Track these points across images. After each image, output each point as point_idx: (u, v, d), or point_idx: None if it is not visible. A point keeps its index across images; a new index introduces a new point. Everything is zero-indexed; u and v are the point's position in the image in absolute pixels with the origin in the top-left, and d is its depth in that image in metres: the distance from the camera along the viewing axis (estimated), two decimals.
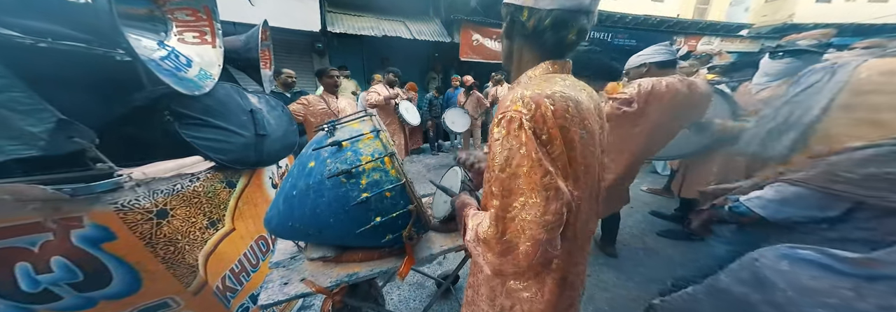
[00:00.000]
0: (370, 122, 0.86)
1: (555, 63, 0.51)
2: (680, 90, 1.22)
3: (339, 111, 2.18)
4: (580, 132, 0.44)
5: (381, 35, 4.30)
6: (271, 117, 1.28)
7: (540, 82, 0.47)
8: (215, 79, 1.05)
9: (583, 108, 0.45)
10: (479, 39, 5.02)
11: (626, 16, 6.26)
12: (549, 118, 0.42)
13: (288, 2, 3.81)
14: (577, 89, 0.49)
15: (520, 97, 0.43)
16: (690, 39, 6.52)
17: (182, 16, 1.08)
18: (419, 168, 4.13)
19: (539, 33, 0.48)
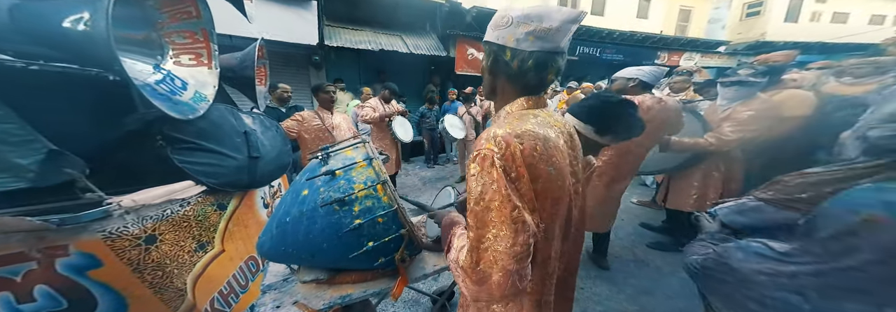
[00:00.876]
0: (363, 149, 0.87)
1: (530, 99, 0.55)
2: (653, 106, 1.41)
3: (333, 127, 2.16)
4: (548, 169, 0.47)
5: (378, 49, 4.40)
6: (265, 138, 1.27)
7: (513, 120, 0.51)
8: (210, 100, 1.05)
9: (551, 146, 0.49)
10: (473, 53, 5.17)
11: (614, 32, 6.56)
12: (517, 157, 0.46)
13: (286, 16, 3.88)
14: (548, 126, 0.52)
15: (493, 136, 0.47)
16: (673, 55, 6.84)
17: (179, 39, 1.09)
18: (414, 180, 4.11)
19: (522, 72, 0.53)
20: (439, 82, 5.38)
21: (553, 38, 0.50)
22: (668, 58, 6.80)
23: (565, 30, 0.50)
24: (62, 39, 0.81)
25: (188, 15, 1.05)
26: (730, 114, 1.59)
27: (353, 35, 4.52)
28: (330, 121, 2.14)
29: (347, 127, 2.28)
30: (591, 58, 6.25)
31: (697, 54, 7.08)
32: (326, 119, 2.12)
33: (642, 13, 7.41)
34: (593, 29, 6.45)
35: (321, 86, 2.18)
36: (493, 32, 0.54)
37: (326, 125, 2.10)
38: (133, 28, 1.01)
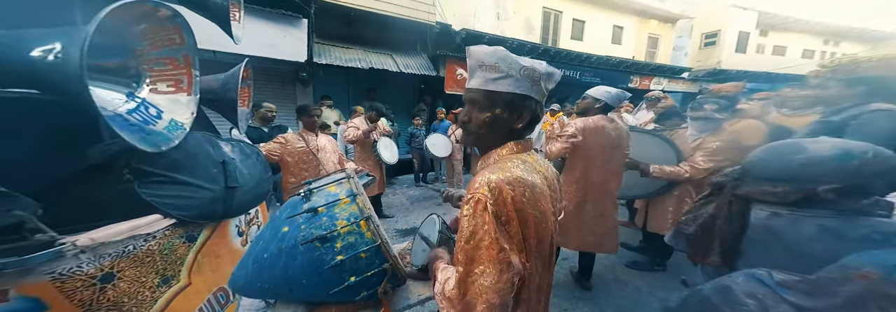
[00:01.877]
0: (347, 185, 0.85)
1: (519, 143, 0.60)
2: (606, 126, 1.57)
3: (318, 149, 2.06)
4: (534, 213, 0.52)
5: (368, 67, 4.37)
6: (245, 167, 1.20)
7: (505, 164, 0.55)
8: (187, 129, 0.98)
9: (537, 192, 0.54)
10: (462, 74, 5.29)
11: (592, 56, 7.04)
12: (508, 202, 0.50)
13: (275, 33, 3.78)
14: (534, 171, 0.57)
15: (487, 182, 0.51)
16: (644, 79, 7.42)
17: (158, 65, 1.01)
18: (402, 200, 4.01)
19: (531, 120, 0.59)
20: (430, 101, 5.40)
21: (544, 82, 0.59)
22: (640, 82, 7.35)
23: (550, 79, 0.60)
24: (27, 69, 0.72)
25: (171, 42, 0.99)
26: (700, 144, 1.73)
27: (343, 53, 4.47)
28: (315, 143, 2.05)
29: (333, 149, 2.19)
30: (572, 80, 6.62)
31: (665, 79, 7.73)
32: (311, 141, 2.03)
33: (616, 39, 8.04)
34: (573, 52, 6.87)
35: (306, 108, 2.10)
36: (528, 85, 0.56)
37: (311, 147, 2.01)
38: (108, 56, 0.93)
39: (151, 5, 0.84)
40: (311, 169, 1.99)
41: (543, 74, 0.57)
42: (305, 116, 2.08)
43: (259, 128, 2.45)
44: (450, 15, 5.61)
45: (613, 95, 1.62)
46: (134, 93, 0.95)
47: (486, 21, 6.33)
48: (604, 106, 1.61)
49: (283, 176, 2.02)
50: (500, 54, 0.57)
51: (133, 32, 0.90)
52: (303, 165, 1.98)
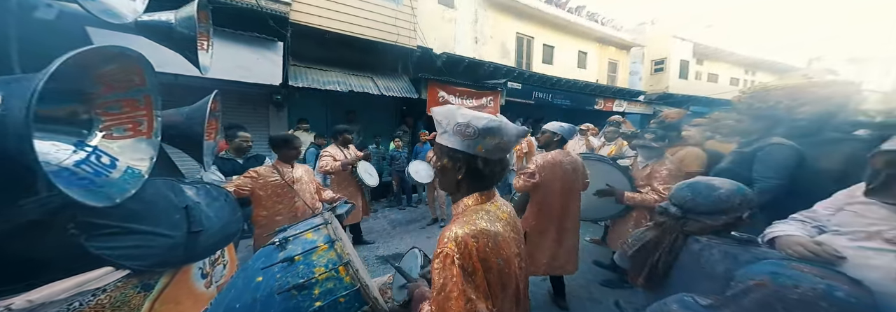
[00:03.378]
0: (325, 231, 0.83)
1: (483, 194, 0.66)
2: (563, 160, 1.73)
3: (294, 181, 1.92)
4: (497, 261, 0.57)
5: (348, 90, 4.25)
6: (212, 210, 1.12)
7: (470, 216, 0.61)
8: (145, 176, 0.88)
9: (500, 240, 0.59)
10: (444, 96, 5.35)
11: (562, 79, 7.57)
12: (473, 255, 0.55)
13: (248, 56, 3.59)
14: (496, 220, 0.63)
15: (454, 237, 0.56)
16: (607, 101, 8.09)
17: (114, 109, 0.91)
18: (383, 224, 3.84)
19: (490, 175, 0.64)
20: (411, 123, 5.35)
21: (510, 147, 0.64)
22: (604, 104, 8.00)
23: (517, 141, 0.65)
24: None
25: (130, 83, 0.90)
26: (651, 173, 1.88)
27: (321, 75, 4.33)
28: (290, 175, 1.91)
29: (309, 179, 2.06)
30: (545, 102, 7.01)
31: (625, 101, 8.50)
32: (286, 173, 1.89)
33: (581, 64, 8.79)
34: (546, 76, 7.34)
35: (289, 141, 1.96)
36: (461, 141, 0.62)
37: (286, 179, 1.87)
38: (57, 103, 0.82)
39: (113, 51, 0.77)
40: (285, 202, 1.85)
41: (480, 130, 0.60)
42: (286, 149, 1.93)
43: (233, 160, 2.21)
44: (431, 39, 5.75)
45: (566, 129, 1.81)
46: (84, 142, 0.84)
47: (465, 45, 6.57)
48: (560, 139, 1.78)
49: (255, 209, 1.86)
50: (444, 111, 0.64)
51: (88, 76, 0.81)
52: (276, 198, 1.83)
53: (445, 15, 6.30)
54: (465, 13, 6.61)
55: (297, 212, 1.84)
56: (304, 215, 1.85)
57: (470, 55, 6.39)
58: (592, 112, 7.93)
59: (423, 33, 5.30)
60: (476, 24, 6.79)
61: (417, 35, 5.12)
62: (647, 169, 1.89)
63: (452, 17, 6.41)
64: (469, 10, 6.66)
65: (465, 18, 6.61)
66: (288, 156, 1.93)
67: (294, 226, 0.91)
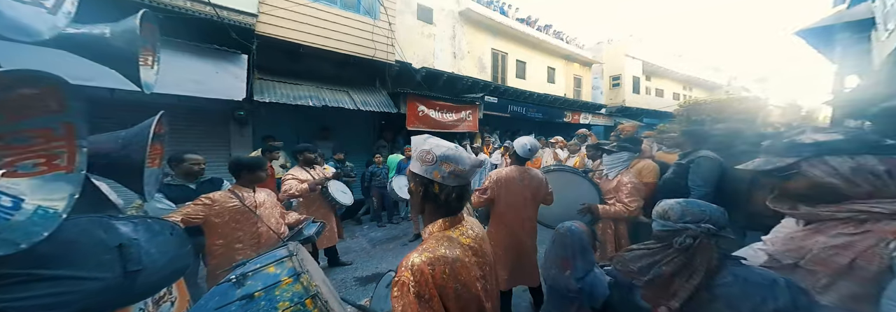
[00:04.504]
0: (290, 263, 0.77)
1: (447, 220, 0.68)
2: (514, 176, 1.73)
3: (257, 205, 1.67)
4: (455, 286, 0.58)
5: (321, 105, 3.95)
6: (153, 245, 0.98)
7: (431, 243, 0.63)
8: (64, 215, 0.73)
9: (458, 266, 0.60)
10: (424, 110, 5.24)
11: (534, 93, 7.87)
12: (429, 282, 0.56)
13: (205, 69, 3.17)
14: (458, 246, 0.64)
15: (410, 265, 0.57)
16: (574, 114, 8.61)
17: (19, 141, 0.73)
18: (363, 243, 3.57)
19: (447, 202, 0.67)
20: (390, 138, 5.15)
21: (467, 176, 0.67)
22: (572, 117, 8.50)
23: (473, 171, 0.67)
24: None
25: (43, 110, 0.74)
26: (618, 185, 1.90)
27: (291, 89, 3.98)
28: (252, 199, 1.66)
29: (273, 203, 1.81)
30: (520, 115, 7.24)
31: (590, 114, 9.12)
32: (248, 198, 1.65)
33: (551, 79, 9.27)
34: (519, 90, 7.59)
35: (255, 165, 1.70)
36: (420, 166, 0.67)
37: (248, 204, 1.63)
38: None
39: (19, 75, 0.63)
40: (246, 229, 1.62)
41: (437, 157, 0.65)
42: (249, 173, 1.68)
43: (183, 186, 1.87)
44: (410, 54, 5.64)
45: (523, 148, 1.81)
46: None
47: (445, 60, 6.57)
48: (523, 158, 1.80)
49: (209, 238, 1.59)
50: (416, 139, 0.71)
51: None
52: (235, 225, 1.59)
53: (424, 30, 6.23)
54: (444, 29, 6.62)
55: (261, 239, 1.63)
56: (269, 241, 1.63)
57: (450, 70, 6.36)
58: (562, 124, 8.37)
59: (401, 48, 5.17)
60: (454, 39, 6.84)
61: (396, 50, 4.99)
62: (614, 182, 1.92)
63: (431, 33, 6.37)
64: (447, 25, 6.68)
65: (444, 34, 6.62)
66: (251, 180, 1.69)
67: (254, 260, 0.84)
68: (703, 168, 1.74)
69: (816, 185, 0.69)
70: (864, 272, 0.63)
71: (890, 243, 0.61)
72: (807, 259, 0.70)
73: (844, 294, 0.66)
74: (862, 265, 0.63)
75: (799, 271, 0.72)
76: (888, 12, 3.81)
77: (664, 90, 13.55)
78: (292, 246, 0.90)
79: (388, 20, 4.63)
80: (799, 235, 0.74)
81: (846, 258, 0.65)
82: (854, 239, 0.65)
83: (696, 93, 14.75)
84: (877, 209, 0.64)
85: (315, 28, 4.08)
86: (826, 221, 0.70)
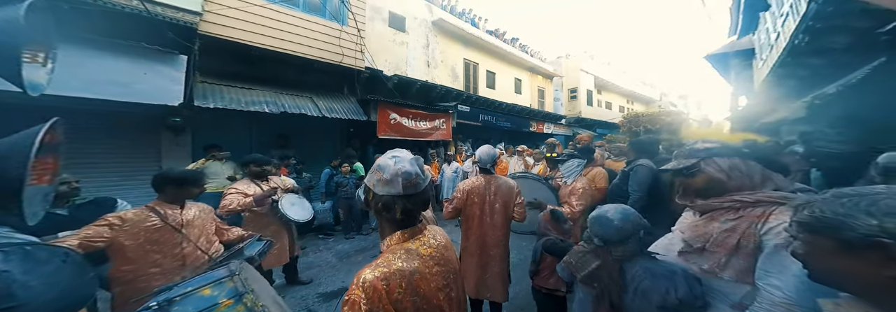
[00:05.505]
0: (231, 284, 0.72)
1: (404, 232, 0.66)
2: (480, 185, 1.72)
3: (184, 224, 1.40)
4: (413, 299, 0.57)
5: (280, 111, 3.56)
6: (35, 276, 0.82)
7: (387, 257, 0.61)
8: None
9: (416, 278, 0.59)
10: (396, 118, 5.06)
11: (503, 103, 8.16)
12: (383, 298, 0.54)
13: (130, 70, 2.65)
14: (416, 257, 0.62)
15: (361, 283, 0.55)
16: (539, 124, 9.13)
17: None
18: (329, 257, 3.25)
19: (377, 211, 0.66)
20: (359, 146, 4.86)
21: (392, 185, 0.63)
22: (536, 127, 9.01)
23: (396, 181, 0.63)
24: None
25: None
26: (572, 190, 2.03)
27: (243, 94, 3.52)
28: (178, 218, 1.39)
29: (207, 219, 1.53)
30: (490, 123, 7.44)
31: (552, 124, 9.76)
32: (172, 215, 1.37)
33: (517, 89, 9.72)
34: (490, 100, 7.81)
35: (186, 178, 1.42)
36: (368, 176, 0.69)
37: (172, 222, 1.35)
38: None
39: None
40: (166, 250, 1.34)
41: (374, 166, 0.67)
42: (178, 188, 1.39)
43: (51, 214, 1.46)
44: (382, 61, 5.42)
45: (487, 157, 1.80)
46: None
47: (418, 68, 6.46)
48: (486, 169, 1.79)
49: (115, 263, 1.29)
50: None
51: None
52: (152, 247, 1.31)
53: (396, 38, 6.05)
54: (417, 37, 6.52)
55: (186, 261, 1.38)
56: (195, 263, 1.38)
57: (423, 78, 6.25)
58: (528, 133, 8.80)
59: (372, 55, 4.96)
60: (428, 48, 6.78)
61: (366, 56, 4.76)
62: (569, 187, 2.03)
63: (404, 41, 6.22)
64: (420, 34, 6.60)
65: (417, 43, 6.52)
66: (178, 196, 1.40)
67: (184, 284, 0.76)
68: (639, 175, 1.91)
69: (710, 180, 0.87)
70: (746, 249, 0.78)
71: (757, 225, 0.77)
72: (710, 242, 0.85)
73: (737, 269, 0.80)
74: (744, 244, 0.78)
75: (706, 253, 0.86)
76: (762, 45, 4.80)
77: (612, 103, 15.16)
78: (235, 264, 0.84)
79: (357, 26, 4.40)
80: (701, 223, 0.90)
81: (734, 239, 0.80)
82: (736, 224, 0.81)
83: (637, 106, 16.78)
84: (745, 198, 0.81)
85: (273, 30, 3.67)
86: (716, 210, 0.86)
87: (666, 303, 0.82)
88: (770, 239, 0.75)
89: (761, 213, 0.78)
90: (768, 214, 0.78)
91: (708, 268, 0.85)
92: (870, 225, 0.36)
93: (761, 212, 0.79)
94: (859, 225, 0.36)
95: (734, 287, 0.81)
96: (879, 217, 0.35)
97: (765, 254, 0.75)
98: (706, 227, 0.87)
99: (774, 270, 0.72)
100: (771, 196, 0.80)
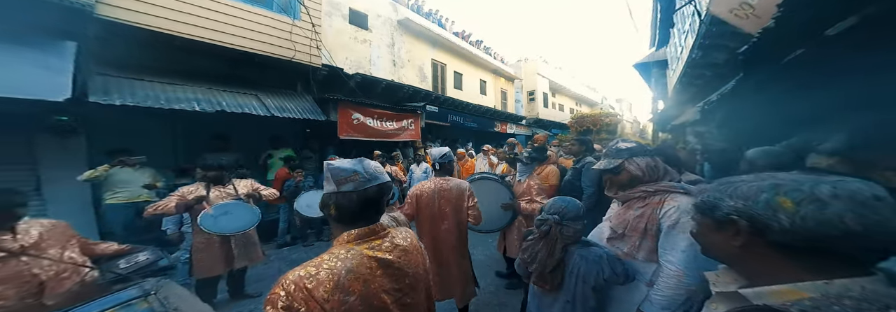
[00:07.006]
0: (146, 304, 0.68)
1: (350, 232, 0.64)
2: (429, 189, 1.66)
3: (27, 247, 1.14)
4: (342, 298, 0.55)
5: (215, 110, 3.03)
6: None
7: (324, 256, 0.60)
8: None
9: (349, 278, 0.57)
10: (360, 118, 4.72)
11: (470, 104, 8.24)
12: (307, 297, 0.53)
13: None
14: (355, 257, 0.60)
15: (283, 281, 0.55)
16: (502, 124, 9.47)
17: None
18: (282, 268, 2.90)
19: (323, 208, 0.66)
20: (317, 147, 4.42)
21: (328, 183, 0.65)
22: (500, 127, 9.32)
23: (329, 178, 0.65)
24: None
25: None
26: (527, 187, 2.09)
27: (163, 90, 2.89)
28: (13, 243, 1.11)
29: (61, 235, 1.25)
30: (458, 124, 7.45)
31: (514, 125, 10.20)
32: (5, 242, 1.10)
33: (483, 90, 9.92)
34: (458, 100, 7.82)
35: None
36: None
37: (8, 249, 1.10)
38: None
39: None
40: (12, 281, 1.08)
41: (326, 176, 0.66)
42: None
43: None
44: (341, 59, 4.99)
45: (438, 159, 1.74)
46: None
47: (383, 67, 6.12)
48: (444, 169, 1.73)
49: None
50: None
51: None
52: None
53: (358, 36, 5.61)
54: (381, 36, 6.15)
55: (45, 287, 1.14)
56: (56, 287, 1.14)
57: (389, 77, 5.93)
58: (493, 133, 9.05)
59: (330, 52, 4.51)
60: (393, 47, 6.44)
61: (323, 53, 4.31)
62: (523, 185, 2.09)
63: (366, 39, 5.80)
64: (385, 33, 6.24)
65: (382, 41, 6.14)
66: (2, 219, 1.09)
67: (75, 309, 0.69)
68: (591, 172, 2.05)
69: (631, 177, 0.98)
70: (651, 231, 0.91)
71: (657, 210, 0.91)
72: (627, 228, 0.96)
73: (647, 249, 0.92)
74: (649, 227, 0.91)
75: (625, 237, 0.98)
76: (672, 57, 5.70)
77: (564, 105, 16.48)
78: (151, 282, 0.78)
79: (311, 20, 3.95)
80: (621, 212, 1.02)
81: (642, 223, 0.92)
82: (644, 210, 0.93)
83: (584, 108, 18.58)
84: (648, 188, 0.95)
85: (201, 19, 3.07)
86: (631, 199, 0.98)
87: (597, 284, 0.93)
88: (664, 221, 0.89)
89: (658, 201, 0.92)
90: (663, 201, 0.91)
91: (627, 251, 0.97)
92: (729, 205, 0.42)
93: (658, 200, 0.92)
94: (724, 206, 0.42)
95: (648, 267, 0.93)
96: (735, 199, 0.41)
97: (662, 235, 0.89)
98: (625, 215, 0.99)
99: (668, 247, 0.88)
100: (665, 185, 0.94)
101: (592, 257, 0.97)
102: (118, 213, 2.49)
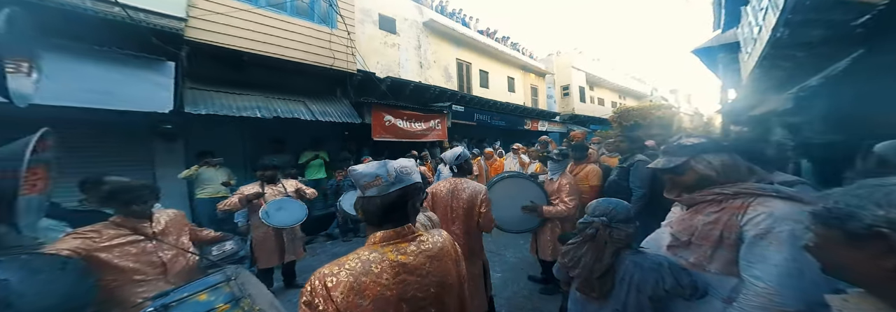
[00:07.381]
0: (228, 288, 0.72)
1: (379, 234, 0.63)
2: (442, 190, 1.58)
3: (159, 234, 1.35)
4: (357, 301, 0.54)
5: (272, 116, 3.47)
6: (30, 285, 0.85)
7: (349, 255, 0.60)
8: None
9: (365, 281, 0.56)
10: (391, 120, 4.96)
11: (497, 102, 8.04)
12: (325, 295, 0.54)
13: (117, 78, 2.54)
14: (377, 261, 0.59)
15: (313, 275, 0.57)
16: (533, 122, 9.01)
17: None
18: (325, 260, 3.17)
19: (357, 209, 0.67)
20: (355, 149, 4.76)
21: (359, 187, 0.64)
22: (531, 125, 8.88)
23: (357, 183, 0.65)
24: None
25: None
26: (559, 187, 1.94)
27: (234, 100, 3.41)
28: (148, 229, 1.31)
29: (180, 224, 1.46)
30: (486, 123, 7.32)
31: (546, 122, 9.63)
32: (143, 227, 1.29)
33: (511, 88, 9.58)
34: (484, 99, 7.69)
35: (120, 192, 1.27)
36: None
37: (146, 233, 1.30)
38: None
39: None
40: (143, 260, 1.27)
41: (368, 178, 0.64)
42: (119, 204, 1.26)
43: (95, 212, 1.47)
44: (373, 63, 5.30)
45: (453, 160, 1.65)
46: None
47: (411, 69, 6.34)
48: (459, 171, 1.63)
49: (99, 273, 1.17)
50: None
51: None
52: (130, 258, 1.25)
53: (387, 40, 5.91)
54: (408, 39, 6.38)
55: (167, 268, 1.33)
56: (176, 268, 1.33)
57: (416, 79, 6.11)
58: (523, 131, 8.68)
59: (363, 57, 4.83)
60: (420, 49, 6.64)
61: (357, 59, 4.64)
62: (555, 184, 1.95)
63: (395, 43, 6.08)
64: (411, 36, 6.47)
65: (409, 44, 6.38)
66: (135, 212, 1.29)
67: (180, 289, 0.76)
68: (641, 171, 1.85)
69: (700, 177, 0.84)
70: (729, 241, 0.76)
71: (737, 216, 0.75)
72: (695, 235, 0.83)
73: (723, 261, 0.78)
74: (727, 235, 0.76)
75: (692, 246, 0.84)
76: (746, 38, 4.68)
77: (604, 99, 14.98)
78: (231, 269, 0.82)
79: (347, 29, 4.28)
80: (686, 217, 0.88)
81: (717, 231, 0.78)
82: (718, 216, 0.78)
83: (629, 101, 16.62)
84: (725, 191, 0.79)
85: (261, 35, 3.54)
86: (700, 203, 0.84)
87: (655, 294, 0.82)
88: (749, 229, 0.73)
89: (740, 204, 0.76)
90: (747, 205, 0.75)
91: (694, 261, 0.83)
92: (876, 215, 0.34)
93: (740, 204, 0.76)
94: (866, 216, 0.34)
95: (723, 281, 0.79)
96: (886, 207, 0.33)
97: (745, 245, 0.73)
98: (691, 220, 0.85)
99: (755, 260, 0.72)
100: (749, 187, 0.77)
101: (649, 264, 0.86)
102: (205, 206, 3.01)
